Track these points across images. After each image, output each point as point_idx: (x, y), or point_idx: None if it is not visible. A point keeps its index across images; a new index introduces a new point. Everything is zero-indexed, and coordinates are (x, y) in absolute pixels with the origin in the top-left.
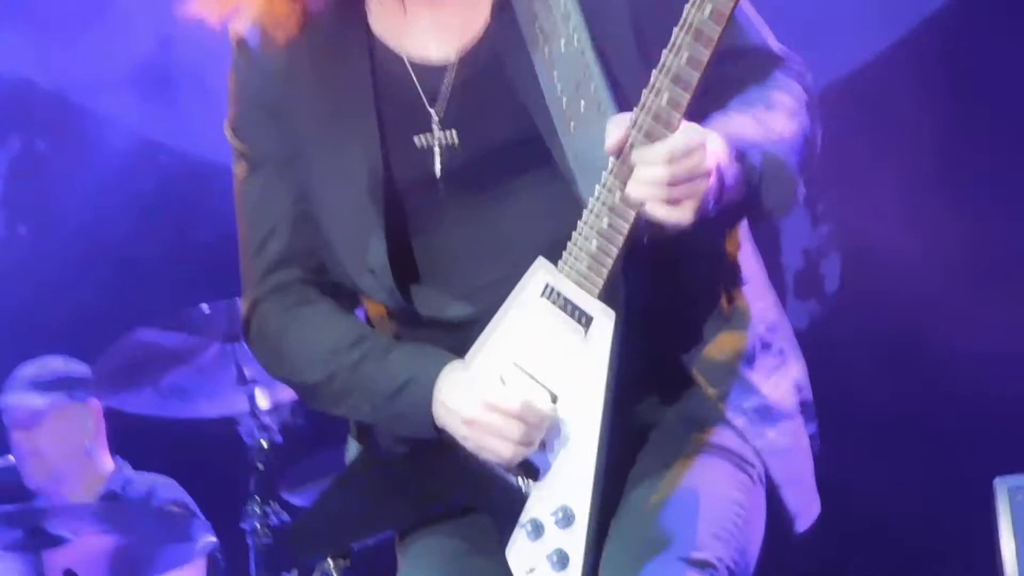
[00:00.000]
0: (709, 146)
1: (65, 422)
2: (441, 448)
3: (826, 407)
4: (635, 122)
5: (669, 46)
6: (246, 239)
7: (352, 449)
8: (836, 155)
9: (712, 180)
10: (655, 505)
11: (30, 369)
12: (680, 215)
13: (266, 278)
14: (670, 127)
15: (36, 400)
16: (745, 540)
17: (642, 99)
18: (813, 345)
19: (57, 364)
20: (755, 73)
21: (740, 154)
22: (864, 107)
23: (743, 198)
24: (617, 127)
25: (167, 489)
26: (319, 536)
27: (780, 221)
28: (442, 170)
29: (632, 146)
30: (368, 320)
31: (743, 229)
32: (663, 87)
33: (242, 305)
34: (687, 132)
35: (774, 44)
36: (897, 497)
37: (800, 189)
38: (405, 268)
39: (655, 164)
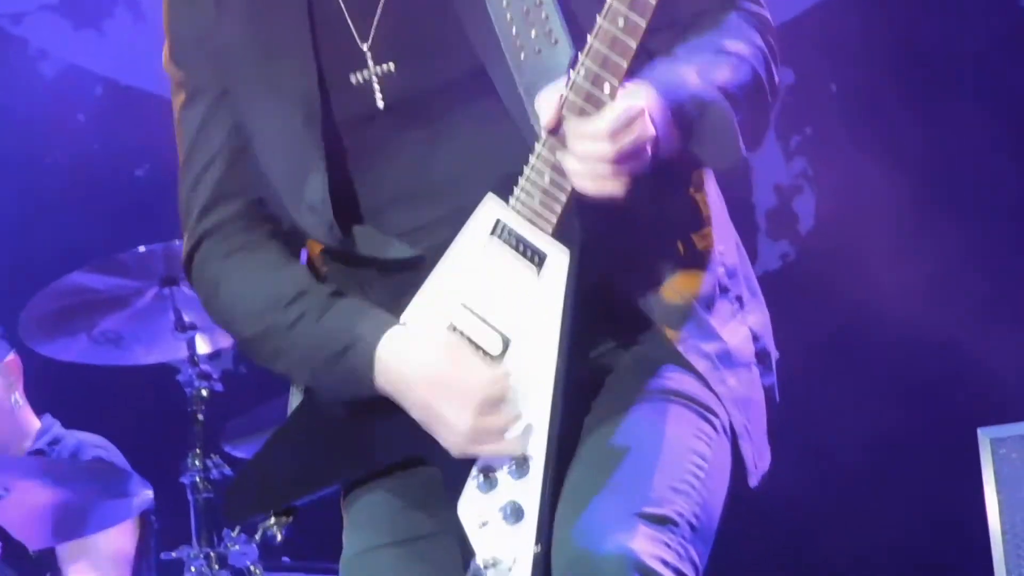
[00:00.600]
0: (648, 108)
1: None
2: (387, 398)
3: (800, 352)
4: (580, 62)
5: None
6: (184, 173)
7: (294, 399)
8: (812, 88)
9: (647, 159)
10: (609, 456)
11: None
12: (615, 188)
13: (206, 215)
14: (617, 74)
15: None
16: (708, 493)
17: (585, 48)
18: (786, 288)
19: None
20: (708, 7)
21: (676, 107)
22: (840, 39)
23: (679, 151)
24: (551, 97)
25: (95, 447)
26: (257, 495)
27: (751, 156)
28: (383, 103)
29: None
30: (310, 260)
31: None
32: (610, 28)
33: (183, 243)
34: (627, 99)
35: None
36: (877, 443)
37: (746, 143)
38: (346, 206)
39: (597, 139)
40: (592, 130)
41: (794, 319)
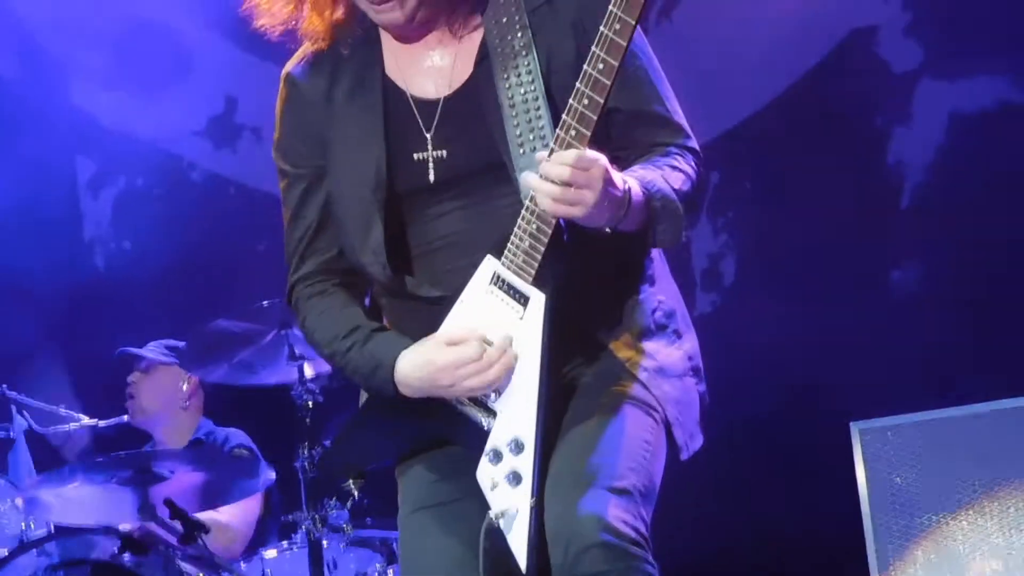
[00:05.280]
0: (609, 176)
1: (167, 378)
2: (426, 399)
3: (725, 369)
4: (556, 137)
5: (580, 78)
6: (288, 235)
7: (363, 396)
8: (733, 184)
9: (597, 199)
10: (585, 446)
11: (162, 342)
12: (567, 211)
13: (301, 265)
14: (580, 141)
15: (159, 355)
16: (652, 469)
17: (558, 127)
18: (716, 325)
19: (178, 343)
20: (660, 141)
21: (648, 196)
22: (753, 148)
23: (643, 228)
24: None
25: (238, 437)
26: (340, 462)
27: (690, 232)
28: (434, 178)
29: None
30: (373, 297)
31: None
32: (577, 107)
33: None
34: (593, 152)
35: (679, 118)
36: (762, 439)
37: (685, 232)
38: (399, 254)
39: (560, 164)
40: (557, 156)
41: (720, 347)
